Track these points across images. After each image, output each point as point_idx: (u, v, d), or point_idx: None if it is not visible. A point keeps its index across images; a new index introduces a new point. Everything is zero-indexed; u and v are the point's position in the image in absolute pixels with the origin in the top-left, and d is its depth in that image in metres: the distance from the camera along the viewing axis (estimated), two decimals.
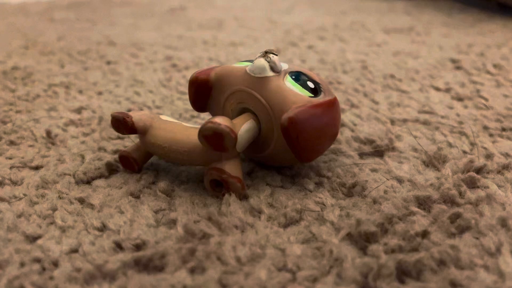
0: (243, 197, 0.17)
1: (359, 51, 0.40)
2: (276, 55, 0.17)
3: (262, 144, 0.18)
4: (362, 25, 0.52)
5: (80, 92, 0.30)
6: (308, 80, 0.17)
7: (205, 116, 0.26)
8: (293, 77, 0.17)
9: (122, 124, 0.17)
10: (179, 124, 0.18)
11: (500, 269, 0.13)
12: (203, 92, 0.19)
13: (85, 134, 0.23)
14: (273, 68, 0.17)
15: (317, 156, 0.18)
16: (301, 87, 0.17)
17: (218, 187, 0.17)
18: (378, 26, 0.52)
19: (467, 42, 0.43)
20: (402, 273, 0.13)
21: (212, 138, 0.15)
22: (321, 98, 0.17)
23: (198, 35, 0.48)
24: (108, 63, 0.37)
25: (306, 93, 0.17)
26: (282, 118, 0.16)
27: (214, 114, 0.20)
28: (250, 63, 0.18)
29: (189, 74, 0.34)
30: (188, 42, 0.44)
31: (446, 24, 0.52)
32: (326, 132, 0.17)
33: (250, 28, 0.52)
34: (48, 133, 0.23)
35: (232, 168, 0.16)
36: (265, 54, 0.17)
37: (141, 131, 0.17)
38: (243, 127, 0.17)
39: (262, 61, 0.17)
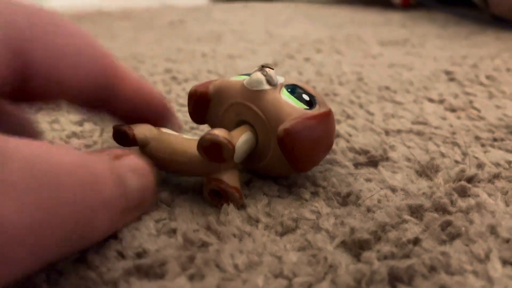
0: (240, 206, 0.17)
1: (355, 63, 0.41)
2: (272, 69, 0.18)
3: (259, 155, 0.19)
4: (358, 38, 0.53)
5: None
6: (304, 93, 0.18)
7: (205, 128, 0.26)
8: (289, 90, 0.18)
9: (123, 136, 0.18)
10: (179, 136, 0.18)
11: (488, 275, 0.13)
12: (202, 104, 0.19)
13: (87, 146, 0.24)
14: (269, 82, 0.17)
15: (312, 166, 0.18)
16: (296, 100, 0.18)
17: (217, 197, 0.17)
18: (374, 38, 0.53)
19: (461, 54, 0.44)
20: (394, 279, 0.13)
21: (211, 149, 0.16)
22: (316, 110, 0.18)
23: (197, 48, 0.49)
24: None
25: (301, 105, 0.17)
26: (278, 130, 0.17)
27: (212, 126, 0.20)
28: (248, 77, 0.18)
29: (188, 86, 0.34)
30: (187, 55, 0.45)
31: (441, 36, 0.53)
32: (321, 143, 0.18)
33: (248, 41, 0.53)
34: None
35: (230, 179, 0.17)
36: (262, 68, 0.18)
37: (141, 143, 0.18)
38: (241, 138, 0.17)
39: (258, 75, 0.17)
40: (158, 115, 0.19)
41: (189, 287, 0.13)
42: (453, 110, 0.28)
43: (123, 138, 0.18)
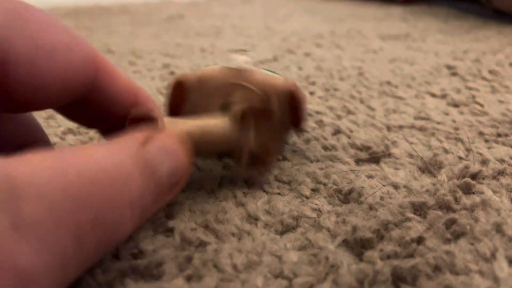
0: (239, 205, 0.17)
1: (355, 58, 0.41)
2: (249, 51, 0.20)
3: None
4: (358, 32, 0.53)
5: None
6: (271, 71, 0.20)
7: None
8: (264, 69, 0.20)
9: (147, 124, 0.17)
10: (188, 120, 0.17)
11: (495, 274, 0.13)
12: (181, 96, 0.20)
13: (83, 143, 0.24)
14: (252, 63, 0.20)
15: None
16: (272, 72, 0.20)
17: (252, 166, 0.18)
18: (375, 32, 0.52)
19: (463, 48, 0.43)
20: (398, 279, 0.13)
21: (257, 117, 0.18)
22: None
23: (196, 43, 0.48)
24: None
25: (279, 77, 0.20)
26: (288, 89, 0.19)
27: (190, 114, 0.19)
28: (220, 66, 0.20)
29: None
30: (186, 50, 0.45)
31: (442, 31, 0.53)
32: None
33: (247, 36, 0.52)
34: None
35: (264, 141, 0.18)
36: (241, 51, 0.20)
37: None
38: None
39: (242, 57, 0.19)
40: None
41: None
42: (455, 105, 0.28)
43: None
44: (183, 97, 0.20)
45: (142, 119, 0.17)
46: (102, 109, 0.17)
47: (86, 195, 0.10)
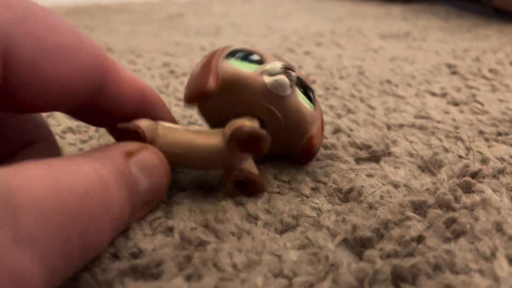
0: (239, 204, 0.17)
1: (355, 56, 0.40)
2: (294, 71, 0.17)
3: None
4: (358, 31, 0.53)
5: None
6: (307, 90, 0.18)
7: (202, 121, 0.26)
8: (301, 90, 0.18)
9: (133, 136, 0.16)
10: (187, 129, 0.17)
11: (495, 274, 0.13)
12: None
13: (83, 141, 0.23)
14: (291, 86, 0.17)
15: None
16: (308, 101, 0.18)
17: (241, 188, 0.17)
18: (375, 31, 0.52)
19: (463, 47, 0.43)
20: (398, 278, 0.13)
21: (247, 141, 0.16)
22: (318, 110, 0.19)
23: (195, 41, 0.48)
24: None
25: (310, 105, 0.18)
26: (310, 143, 0.18)
27: (209, 114, 0.19)
28: (255, 65, 0.17)
29: (186, 80, 0.34)
30: (185, 48, 0.45)
31: (442, 29, 0.53)
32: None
33: (247, 35, 0.52)
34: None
35: (252, 168, 0.17)
36: (286, 70, 0.17)
37: (150, 141, 0.17)
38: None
39: (285, 80, 0.17)
40: (153, 110, 0.18)
41: (186, 287, 0.13)
42: (455, 104, 0.28)
43: (130, 138, 0.16)
44: (206, 96, 0.18)
45: (129, 130, 0.16)
46: (109, 109, 0.16)
47: (75, 210, 0.11)
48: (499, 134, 0.23)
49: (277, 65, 0.17)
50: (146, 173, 0.15)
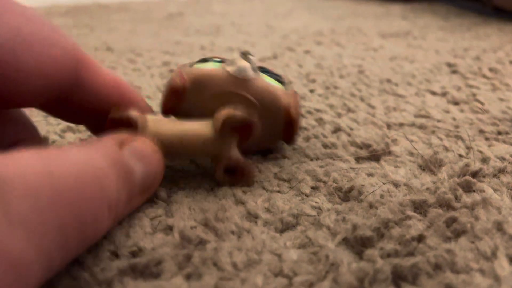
0: (239, 203, 0.17)
1: (355, 55, 0.40)
2: (252, 55, 0.19)
3: None
4: (358, 30, 0.53)
5: None
6: (273, 74, 0.20)
7: None
8: (265, 73, 0.19)
9: (123, 127, 0.16)
10: (175, 120, 0.18)
11: (495, 273, 0.13)
12: (179, 96, 0.19)
13: (83, 141, 0.23)
14: (253, 68, 0.19)
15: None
16: (274, 81, 0.19)
17: (231, 175, 0.18)
18: (375, 30, 0.52)
19: (463, 46, 0.43)
20: (398, 277, 0.13)
21: (239, 128, 0.17)
22: (289, 88, 0.20)
23: (195, 40, 0.48)
24: None
25: (280, 85, 0.19)
26: (285, 109, 0.19)
27: (187, 116, 0.19)
28: (218, 63, 0.19)
29: None
30: (185, 47, 0.45)
31: (443, 28, 0.53)
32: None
33: (247, 34, 0.52)
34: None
35: (239, 156, 0.18)
36: (244, 55, 0.19)
37: (141, 130, 0.17)
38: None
39: (245, 63, 0.18)
40: (132, 105, 0.18)
41: (186, 286, 0.13)
42: (456, 103, 0.28)
43: (122, 128, 0.17)
44: (178, 99, 0.19)
45: (121, 119, 0.17)
46: (87, 104, 0.17)
47: (70, 196, 0.11)
48: (499, 133, 0.23)
49: (236, 56, 0.19)
50: (140, 160, 0.15)
